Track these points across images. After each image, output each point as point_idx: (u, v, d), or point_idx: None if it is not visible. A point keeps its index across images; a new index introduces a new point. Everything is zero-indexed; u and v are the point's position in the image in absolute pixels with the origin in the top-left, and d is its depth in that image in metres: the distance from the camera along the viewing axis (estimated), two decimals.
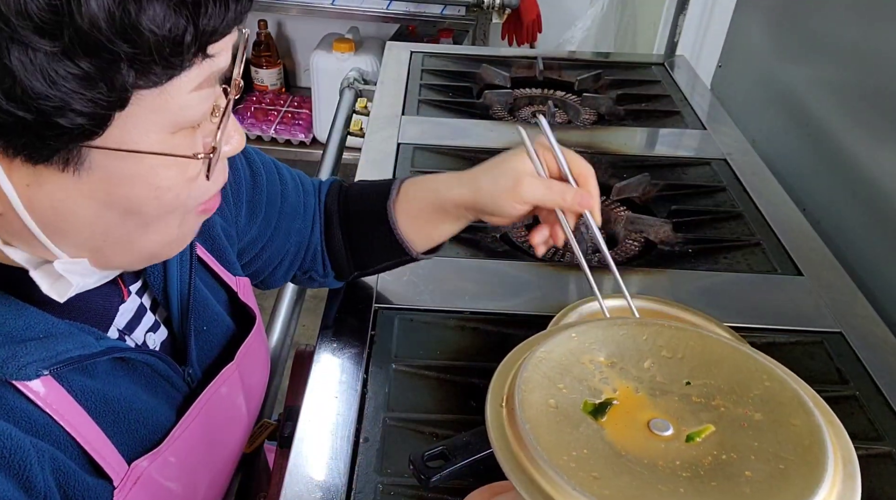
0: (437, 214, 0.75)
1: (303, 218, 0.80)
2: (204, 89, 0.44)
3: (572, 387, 0.46)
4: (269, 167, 0.77)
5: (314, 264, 0.83)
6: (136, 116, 0.41)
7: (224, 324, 0.68)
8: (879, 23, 1.11)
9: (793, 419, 0.43)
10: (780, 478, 0.40)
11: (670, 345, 0.49)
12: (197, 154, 0.45)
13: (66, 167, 0.41)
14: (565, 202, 0.67)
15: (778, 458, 0.41)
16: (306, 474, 0.70)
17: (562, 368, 0.47)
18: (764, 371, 0.46)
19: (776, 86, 1.42)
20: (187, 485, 0.60)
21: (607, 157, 1.26)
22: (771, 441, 0.42)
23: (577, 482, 0.38)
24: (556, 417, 0.43)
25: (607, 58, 1.71)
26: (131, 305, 0.58)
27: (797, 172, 1.30)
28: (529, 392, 0.44)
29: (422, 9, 2.41)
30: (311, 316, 1.99)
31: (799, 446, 0.41)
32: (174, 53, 0.39)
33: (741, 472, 0.41)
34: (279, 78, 2.91)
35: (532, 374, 0.45)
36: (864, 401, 0.81)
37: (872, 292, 1.02)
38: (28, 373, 0.46)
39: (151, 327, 0.60)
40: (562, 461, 0.40)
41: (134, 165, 0.43)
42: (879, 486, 0.73)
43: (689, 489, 0.39)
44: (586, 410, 0.45)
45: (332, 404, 0.77)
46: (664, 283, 0.98)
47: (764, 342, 0.88)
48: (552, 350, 0.48)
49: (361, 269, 0.84)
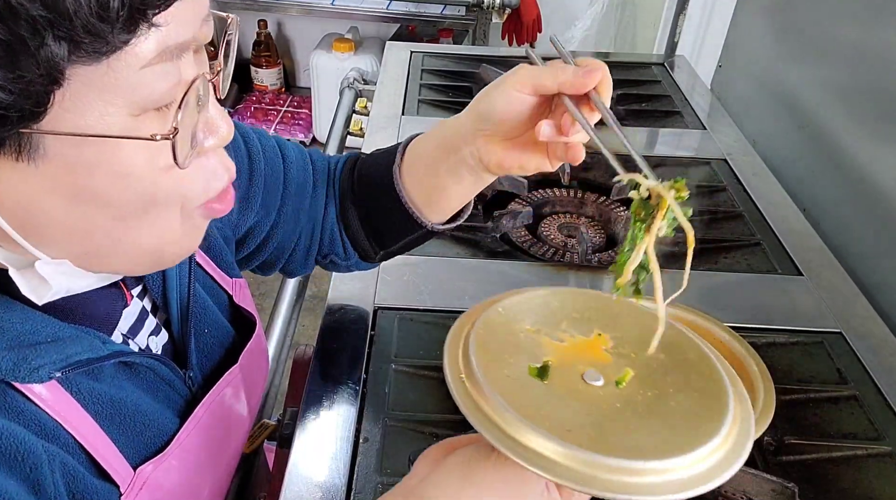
0: (445, 163, 0.67)
1: (312, 197, 0.75)
2: (156, 65, 0.39)
3: (516, 356, 0.51)
4: (270, 150, 0.73)
5: (333, 247, 0.78)
6: (85, 96, 0.38)
7: (223, 327, 0.68)
8: (879, 23, 1.10)
9: (688, 354, 0.52)
10: (698, 404, 0.48)
11: (577, 307, 0.55)
12: (154, 135, 0.41)
13: (20, 156, 0.39)
14: (566, 75, 0.57)
15: (690, 388, 0.49)
16: (306, 474, 0.70)
17: (501, 341, 0.52)
18: (655, 319, 0.53)
19: (776, 86, 1.42)
20: (190, 488, 0.60)
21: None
22: (680, 376, 0.50)
23: (559, 436, 0.43)
24: (514, 385, 0.48)
25: (607, 58, 1.71)
26: (134, 309, 0.57)
27: (797, 172, 1.30)
28: (486, 368, 0.48)
29: (422, 9, 2.41)
30: (311, 316, 1.99)
31: (701, 375, 0.50)
32: (101, 19, 0.36)
33: (668, 404, 0.48)
34: (279, 78, 2.91)
35: (480, 351, 0.50)
36: (864, 401, 0.81)
37: (872, 292, 1.02)
38: (41, 375, 0.46)
39: (153, 331, 0.60)
40: (539, 423, 0.44)
41: (93, 152, 0.40)
42: (879, 486, 0.72)
43: (639, 425, 0.46)
44: (532, 374, 0.50)
45: (331, 405, 0.77)
46: (664, 283, 0.98)
47: (764, 342, 0.87)
48: (488, 327, 0.53)
49: (383, 248, 0.77)
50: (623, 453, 0.43)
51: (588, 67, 0.56)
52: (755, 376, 0.67)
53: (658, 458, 0.43)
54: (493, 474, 0.48)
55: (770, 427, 0.62)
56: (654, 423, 0.47)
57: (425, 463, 0.52)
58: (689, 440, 0.45)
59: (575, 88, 0.56)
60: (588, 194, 1.17)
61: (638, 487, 0.42)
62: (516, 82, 0.59)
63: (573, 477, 0.43)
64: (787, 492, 0.69)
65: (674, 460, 0.43)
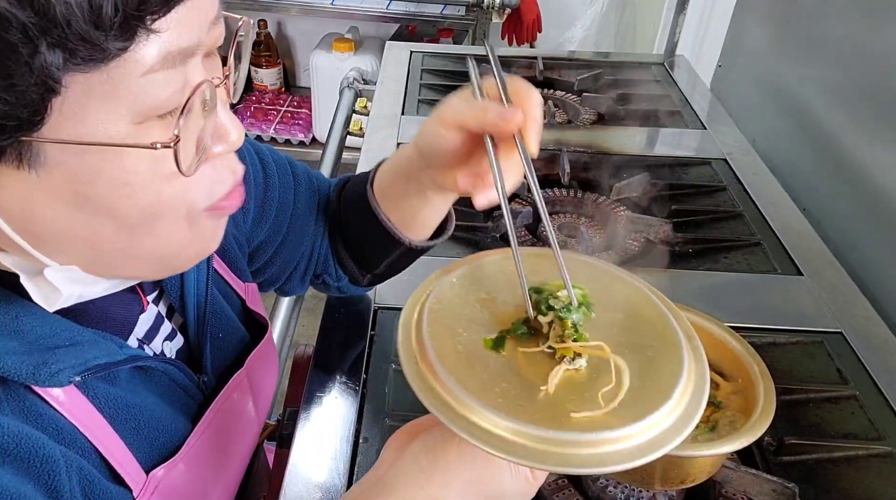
0: (410, 188, 0.67)
1: (315, 220, 0.77)
2: (159, 72, 0.38)
3: (469, 329, 0.50)
4: (282, 167, 0.74)
5: (326, 267, 0.79)
6: (84, 104, 0.37)
7: (238, 331, 0.68)
8: (879, 23, 1.10)
9: (644, 311, 0.51)
10: (652, 364, 0.47)
11: (531, 270, 0.52)
12: (155, 143, 0.40)
13: (21, 164, 0.38)
14: (487, 116, 0.52)
15: (645, 347, 0.48)
16: (306, 474, 0.70)
17: (454, 314, 0.50)
18: (613, 277, 0.53)
19: (776, 85, 1.42)
20: (200, 490, 0.60)
21: (607, 157, 1.26)
22: (635, 335, 0.49)
23: (511, 414, 0.43)
24: (468, 361, 0.47)
25: (607, 58, 1.71)
26: (150, 314, 0.57)
27: (797, 172, 1.30)
28: (439, 345, 0.47)
29: (421, 9, 2.40)
30: (311, 316, 1.99)
31: (656, 333, 0.49)
32: (95, 26, 0.34)
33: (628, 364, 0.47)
34: (279, 78, 2.91)
35: (434, 327, 0.48)
36: (864, 401, 0.81)
37: (873, 291, 1.02)
38: (60, 380, 0.45)
39: (168, 336, 0.60)
40: (491, 401, 0.43)
41: (95, 160, 0.39)
42: (880, 486, 0.72)
43: (594, 392, 0.45)
44: (488, 346, 0.49)
45: (331, 405, 0.77)
46: (664, 283, 0.98)
47: (764, 342, 0.87)
48: (441, 300, 0.51)
49: (369, 271, 0.79)
50: (575, 425, 0.43)
51: (506, 113, 0.51)
52: (755, 377, 0.67)
53: (610, 429, 0.42)
54: (458, 457, 0.48)
55: (770, 427, 0.62)
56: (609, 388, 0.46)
57: (391, 450, 0.51)
58: (644, 405, 0.44)
59: (496, 131, 0.52)
60: (588, 194, 1.17)
61: (590, 459, 0.42)
62: (442, 121, 0.56)
63: (527, 455, 0.42)
64: (787, 492, 0.69)
65: (626, 429, 0.42)
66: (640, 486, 0.69)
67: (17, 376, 0.44)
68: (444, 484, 0.48)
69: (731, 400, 0.68)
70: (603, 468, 0.43)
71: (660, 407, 0.43)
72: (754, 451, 0.75)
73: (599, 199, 1.16)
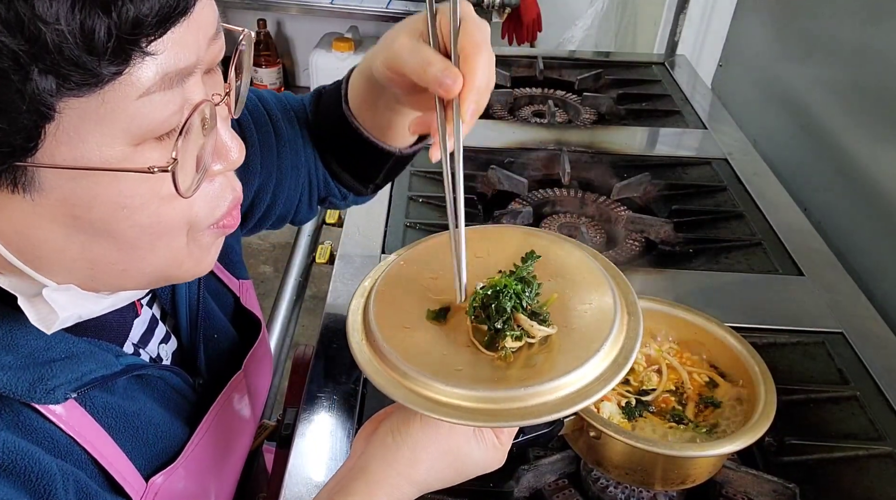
0: (380, 99, 0.65)
1: (303, 148, 0.74)
2: (156, 93, 0.37)
3: (417, 307, 0.53)
4: (256, 113, 0.70)
5: (328, 189, 0.78)
6: (79, 128, 0.36)
7: (231, 332, 0.68)
8: (879, 23, 1.10)
9: (583, 274, 0.54)
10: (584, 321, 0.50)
11: (475, 248, 0.55)
12: (152, 167, 0.39)
13: (16, 189, 0.37)
14: (426, 75, 0.49)
15: (582, 310, 0.51)
16: (306, 474, 0.70)
17: (403, 294, 0.54)
18: (553, 242, 0.55)
19: (777, 85, 1.42)
20: (200, 494, 0.60)
21: (607, 156, 1.26)
22: (573, 298, 0.52)
23: (447, 379, 0.46)
24: (413, 336, 0.50)
25: (607, 57, 1.71)
26: (144, 318, 0.57)
27: (798, 172, 1.30)
28: (385, 326, 0.50)
29: (421, 8, 2.40)
30: (310, 316, 1.99)
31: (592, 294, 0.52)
32: (88, 51, 0.33)
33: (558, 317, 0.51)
34: (278, 77, 2.91)
35: (381, 310, 0.51)
36: (864, 401, 0.81)
37: (874, 292, 1.02)
38: (57, 397, 0.45)
39: (164, 339, 0.60)
40: (430, 368, 0.47)
41: (91, 184, 0.38)
42: (880, 486, 0.72)
43: (539, 350, 0.49)
44: (430, 318, 0.52)
45: (331, 405, 0.77)
46: (665, 283, 0.98)
47: (765, 343, 0.87)
48: (390, 282, 0.54)
49: (366, 180, 0.76)
50: (510, 383, 0.46)
51: (445, 78, 0.48)
52: (756, 377, 0.67)
53: (540, 383, 0.45)
54: (421, 431, 0.49)
55: (771, 428, 0.62)
56: (557, 349, 0.49)
57: (360, 440, 0.53)
58: (574, 359, 0.47)
59: (439, 90, 0.49)
60: (588, 194, 1.17)
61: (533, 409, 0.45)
62: (387, 63, 0.54)
63: (476, 417, 0.45)
64: (787, 492, 0.69)
65: (554, 382, 0.46)
66: (640, 486, 0.69)
67: (14, 393, 0.44)
68: (412, 459, 0.49)
69: (731, 400, 0.68)
70: (535, 419, 0.46)
71: (589, 360, 0.47)
72: (755, 451, 0.75)
73: (600, 199, 1.16)
